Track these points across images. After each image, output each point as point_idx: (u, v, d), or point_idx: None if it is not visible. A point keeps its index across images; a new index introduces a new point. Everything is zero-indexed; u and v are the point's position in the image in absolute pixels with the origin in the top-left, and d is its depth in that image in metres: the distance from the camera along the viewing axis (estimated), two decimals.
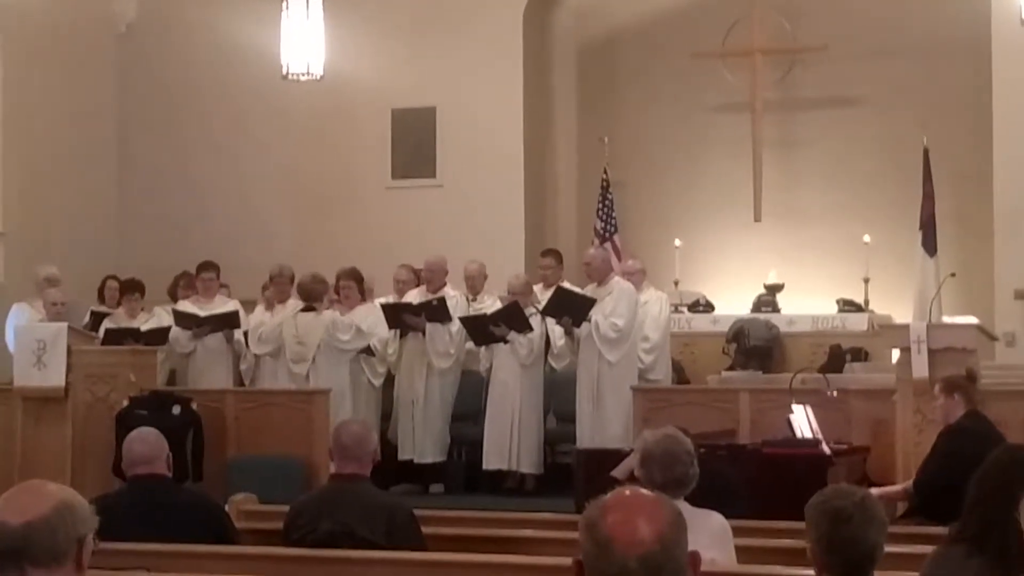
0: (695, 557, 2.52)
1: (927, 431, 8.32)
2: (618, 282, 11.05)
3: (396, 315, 11.42)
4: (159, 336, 11.67)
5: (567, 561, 2.63)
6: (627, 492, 2.56)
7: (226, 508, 6.37)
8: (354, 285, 11.65)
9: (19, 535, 2.85)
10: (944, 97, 14.30)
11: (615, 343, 10.77)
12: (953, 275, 12.13)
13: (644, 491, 2.58)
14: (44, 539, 2.86)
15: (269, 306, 11.94)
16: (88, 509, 2.97)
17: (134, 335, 11.47)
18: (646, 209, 15.37)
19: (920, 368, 8.72)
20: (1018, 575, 3.69)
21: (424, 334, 11.42)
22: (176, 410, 10.23)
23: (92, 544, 2.97)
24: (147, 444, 5.75)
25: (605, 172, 15.07)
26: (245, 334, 11.88)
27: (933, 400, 7.76)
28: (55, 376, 9.96)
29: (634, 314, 10.93)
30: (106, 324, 11.81)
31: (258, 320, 11.80)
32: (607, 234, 14.74)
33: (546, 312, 11.09)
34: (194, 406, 10.38)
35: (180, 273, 12.89)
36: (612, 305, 10.83)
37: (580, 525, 2.53)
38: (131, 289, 12.35)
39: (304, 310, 11.36)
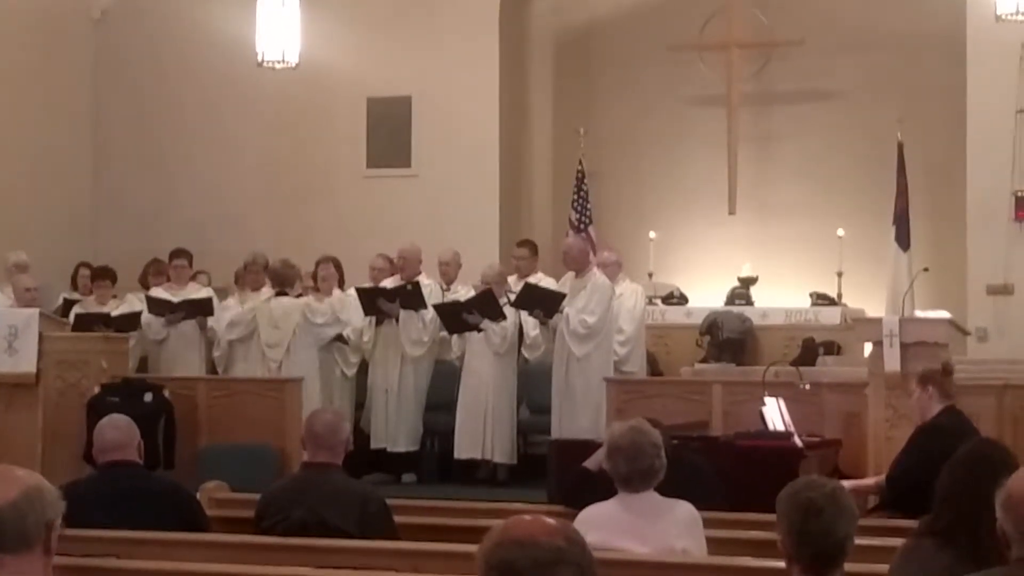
0: None
1: (899, 425, 8.36)
2: (595, 275, 11.03)
3: (371, 300, 11.41)
4: (129, 322, 11.62)
5: None
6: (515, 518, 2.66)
7: (197, 496, 6.35)
8: (333, 271, 11.69)
9: None
10: (919, 92, 14.35)
11: (584, 339, 10.78)
12: (926, 270, 12.19)
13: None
14: (14, 524, 2.85)
15: (241, 292, 11.92)
16: (55, 494, 2.96)
17: (104, 320, 11.43)
18: (621, 201, 15.38)
19: (892, 362, 8.76)
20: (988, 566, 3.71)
21: (397, 321, 11.41)
22: (148, 397, 10.19)
23: (59, 529, 2.96)
24: (118, 431, 5.73)
25: (580, 163, 15.07)
26: None
27: (909, 395, 7.77)
28: (26, 362, 9.90)
29: (607, 310, 10.91)
30: (76, 310, 11.77)
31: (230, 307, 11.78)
32: (582, 225, 14.74)
33: (516, 306, 11.12)
34: (166, 393, 10.35)
35: (150, 260, 12.84)
36: (585, 300, 10.84)
37: (488, 561, 2.57)
38: (102, 276, 12.32)
39: (277, 295, 11.34)
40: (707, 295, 14.50)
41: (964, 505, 4.09)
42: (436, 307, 11.34)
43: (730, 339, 13.51)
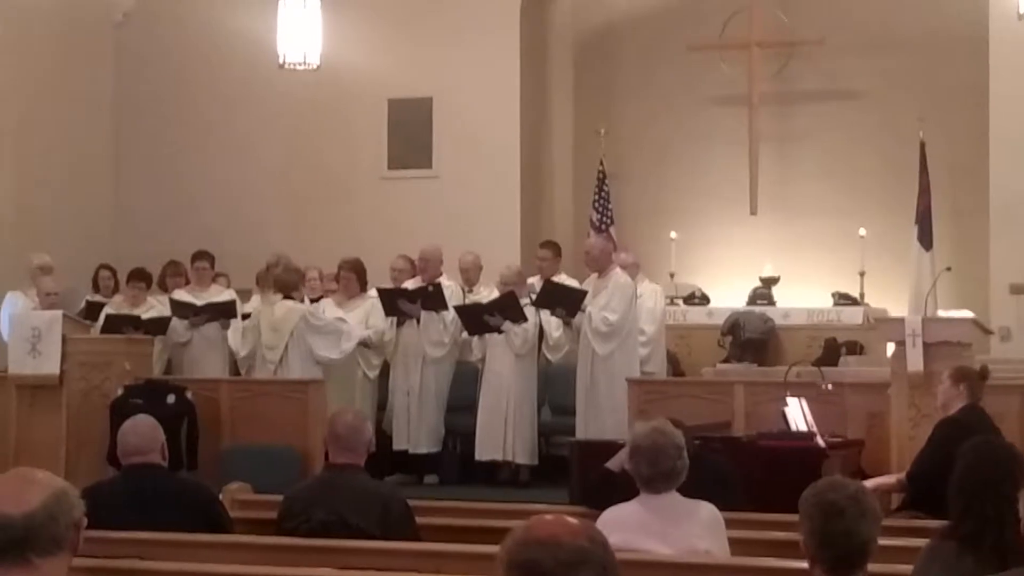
0: None
1: (922, 425, 8.33)
2: (617, 275, 11.01)
3: (392, 301, 11.42)
4: (159, 325, 11.68)
5: None
6: (535, 518, 2.64)
7: (220, 497, 6.36)
8: (354, 276, 11.67)
9: (21, 526, 2.86)
10: (941, 91, 14.30)
11: (606, 337, 10.76)
12: (949, 269, 12.14)
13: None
14: (46, 527, 2.88)
15: (263, 294, 11.94)
16: (77, 493, 2.99)
17: (134, 323, 11.48)
18: (642, 201, 15.36)
19: (915, 362, 8.72)
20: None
21: (419, 322, 11.42)
22: (171, 399, 10.22)
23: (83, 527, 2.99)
24: (142, 436, 5.74)
25: (601, 164, 15.07)
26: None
27: (938, 384, 7.75)
28: (50, 364, 9.96)
29: (629, 308, 10.89)
30: (107, 310, 11.81)
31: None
32: (603, 226, 14.73)
33: (538, 305, 11.11)
34: (189, 395, 10.37)
35: (167, 262, 12.88)
36: (607, 299, 10.82)
37: (511, 561, 2.55)
38: (137, 278, 12.33)
39: (284, 299, 11.31)
40: (729, 295, 14.47)
41: (988, 511, 4.10)
42: (457, 309, 11.35)
43: (752, 339, 13.49)
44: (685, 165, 15.25)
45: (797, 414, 8.75)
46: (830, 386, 9.52)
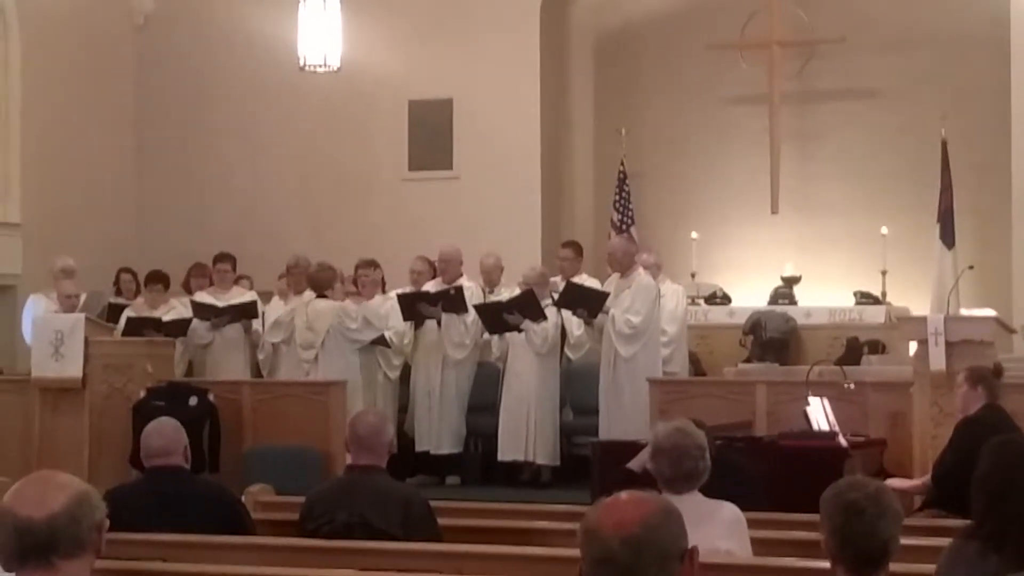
0: (692, 552, 2.59)
1: (944, 424, 8.30)
2: (640, 276, 10.97)
3: (411, 305, 11.43)
4: (179, 327, 11.71)
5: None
6: (624, 494, 2.69)
7: (242, 499, 6.38)
8: (374, 274, 11.69)
9: (45, 529, 2.88)
10: (962, 89, 14.24)
11: (629, 339, 10.74)
12: (971, 267, 12.09)
13: (643, 492, 2.70)
14: (70, 530, 2.90)
15: (283, 296, 11.98)
16: (98, 495, 3.00)
17: (155, 325, 11.52)
18: (663, 201, 15.35)
19: (937, 361, 8.71)
20: None
21: (439, 324, 11.43)
22: (193, 401, 10.26)
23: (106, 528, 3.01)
24: (164, 437, 5.76)
25: (622, 164, 15.05)
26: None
27: (955, 387, 7.74)
28: (72, 367, 10.01)
29: (652, 310, 10.85)
30: (127, 313, 11.86)
31: (274, 310, 11.84)
32: (624, 226, 14.71)
33: (559, 305, 11.10)
34: (211, 397, 10.41)
35: (192, 264, 12.92)
36: (629, 301, 10.80)
37: (583, 553, 2.62)
38: (155, 280, 12.38)
39: (317, 298, 11.38)
40: (750, 295, 14.44)
41: (1011, 510, 4.08)
42: (477, 307, 11.35)
43: (774, 339, 13.46)
44: (706, 165, 15.22)
45: (819, 414, 8.73)
46: (852, 385, 9.50)
